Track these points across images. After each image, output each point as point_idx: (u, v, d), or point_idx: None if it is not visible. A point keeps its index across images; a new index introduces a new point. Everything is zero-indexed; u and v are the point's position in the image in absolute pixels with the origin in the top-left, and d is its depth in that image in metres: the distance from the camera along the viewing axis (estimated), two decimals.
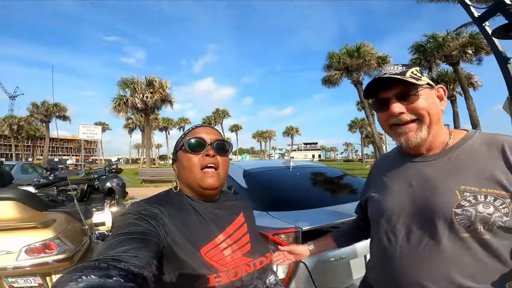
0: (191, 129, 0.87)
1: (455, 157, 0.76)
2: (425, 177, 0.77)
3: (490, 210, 0.66)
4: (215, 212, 0.82)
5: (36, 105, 28.62)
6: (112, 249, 0.53)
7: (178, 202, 0.79)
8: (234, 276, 0.71)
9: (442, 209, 0.70)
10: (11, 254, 1.65)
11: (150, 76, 18.06)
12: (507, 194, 0.67)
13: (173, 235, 0.70)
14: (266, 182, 2.42)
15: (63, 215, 2.12)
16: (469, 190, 0.69)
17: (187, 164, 0.80)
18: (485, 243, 0.68)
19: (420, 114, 0.76)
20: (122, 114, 18.35)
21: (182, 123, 52.60)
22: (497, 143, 0.72)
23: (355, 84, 16.10)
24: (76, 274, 0.40)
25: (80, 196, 4.11)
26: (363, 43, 15.93)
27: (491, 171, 0.69)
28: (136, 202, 0.76)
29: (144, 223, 0.66)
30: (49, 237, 1.74)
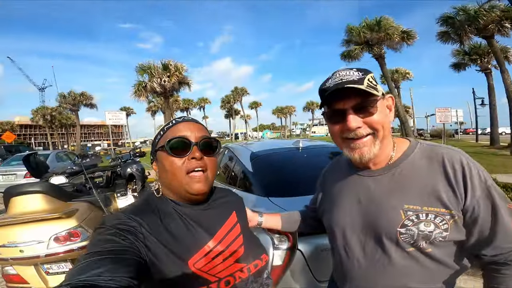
0: (171, 124, 0.76)
1: (399, 173, 0.76)
2: (372, 194, 0.78)
3: (431, 228, 0.69)
4: (204, 215, 0.75)
5: (64, 95, 30.19)
6: (85, 272, 0.48)
7: (161, 208, 0.71)
8: (227, 285, 0.68)
9: (388, 228, 0.73)
10: (42, 243, 1.84)
11: (165, 60, 18.22)
12: (446, 211, 0.68)
13: (155, 248, 0.63)
14: (272, 165, 2.34)
15: (86, 204, 2.30)
16: (412, 209, 0.70)
17: (170, 168, 0.70)
18: (429, 255, 0.72)
19: (376, 128, 0.73)
20: (142, 99, 18.92)
21: (202, 103, 53.22)
22: (437, 157, 0.73)
23: (376, 58, 15.27)
24: None
25: (105, 183, 4.41)
26: (383, 17, 14.90)
27: (432, 188, 0.70)
28: (112, 215, 0.70)
29: (121, 238, 0.59)
30: (73, 226, 1.92)
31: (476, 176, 0.68)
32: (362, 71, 0.74)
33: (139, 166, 5.01)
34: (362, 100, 0.71)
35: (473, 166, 0.70)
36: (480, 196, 0.68)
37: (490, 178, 0.70)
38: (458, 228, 0.70)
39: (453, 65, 20.18)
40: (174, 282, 0.62)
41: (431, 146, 0.77)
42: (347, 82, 0.70)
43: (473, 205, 0.68)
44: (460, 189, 0.68)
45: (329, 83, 0.75)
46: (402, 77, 32.06)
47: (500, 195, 0.69)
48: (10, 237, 1.83)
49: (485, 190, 0.68)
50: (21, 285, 2.00)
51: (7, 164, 8.40)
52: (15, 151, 14.52)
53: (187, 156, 0.70)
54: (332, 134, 0.80)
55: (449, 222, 0.69)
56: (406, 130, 15.21)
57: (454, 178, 0.69)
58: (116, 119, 14.93)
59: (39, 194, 2.11)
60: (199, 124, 0.77)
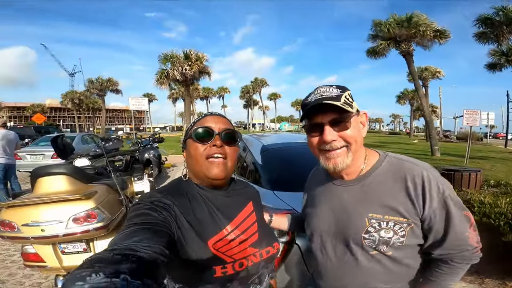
0: (201, 117, 0.86)
1: (367, 184, 0.84)
2: (343, 203, 0.87)
3: (390, 235, 0.79)
4: (224, 201, 0.83)
5: (92, 80, 31.56)
6: (127, 239, 0.54)
7: (188, 191, 0.80)
8: (240, 267, 0.74)
9: (354, 234, 0.82)
10: (61, 223, 1.93)
11: (187, 50, 18.43)
12: (404, 220, 0.78)
13: (183, 227, 0.71)
14: (280, 159, 2.35)
15: (104, 187, 2.42)
16: (375, 217, 0.80)
17: (194, 153, 0.80)
18: (390, 257, 0.81)
19: (349, 142, 0.80)
20: (164, 86, 19.34)
21: (222, 92, 53.60)
22: (400, 172, 0.81)
23: (404, 55, 14.37)
24: (86, 270, 0.39)
25: (124, 167, 4.64)
26: (415, 13, 13.89)
27: (393, 200, 0.79)
28: (148, 193, 0.78)
29: (157, 213, 0.66)
30: (91, 207, 2.01)
31: (434, 188, 0.77)
32: (341, 88, 0.82)
33: (156, 152, 5.22)
34: (338, 116, 0.79)
35: (433, 179, 0.78)
36: (436, 207, 0.77)
37: (448, 189, 0.78)
38: (414, 234, 0.80)
39: (488, 66, 18.82)
40: (195, 259, 0.69)
41: (397, 160, 0.85)
42: (326, 98, 0.78)
43: (430, 215, 0.77)
44: (419, 201, 0.77)
45: (311, 98, 0.82)
46: (431, 76, 30.33)
47: (457, 204, 0.78)
48: (33, 216, 1.92)
49: (441, 201, 0.77)
50: (37, 263, 2.10)
51: (36, 144, 8.76)
52: (44, 132, 15.37)
53: (209, 144, 0.79)
54: (310, 146, 0.87)
55: (406, 229, 0.78)
56: (430, 131, 14.41)
57: (414, 191, 0.77)
58: (139, 105, 15.37)
59: (63, 176, 2.23)
60: (224, 118, 0.87)
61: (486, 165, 9.97)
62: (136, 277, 0.40)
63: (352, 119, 0.80)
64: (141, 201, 0.71)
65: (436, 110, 43.35)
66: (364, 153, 0.87)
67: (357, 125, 0.83)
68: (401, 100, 44.26)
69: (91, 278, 0.37)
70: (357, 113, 0.83)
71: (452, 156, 12.90)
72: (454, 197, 0.78)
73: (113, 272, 0.39)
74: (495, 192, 5.01)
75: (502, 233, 2.67)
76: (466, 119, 9.87)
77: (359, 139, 0.82)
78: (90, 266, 0.41)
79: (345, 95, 0.79)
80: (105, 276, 0.38)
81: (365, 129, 0.87)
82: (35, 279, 2.79)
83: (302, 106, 0.86)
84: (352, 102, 0.81)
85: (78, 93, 41.41)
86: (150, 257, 0.50)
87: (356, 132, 0.81)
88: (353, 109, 0.79)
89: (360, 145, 0.83)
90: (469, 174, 5.28)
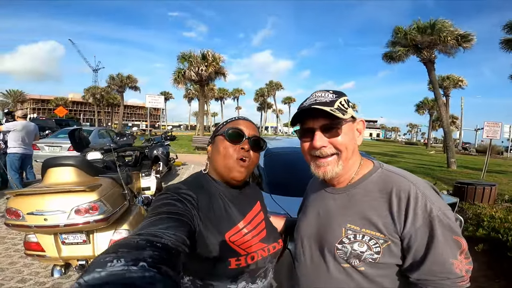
0: (234, 119, 0.91)
1: (353, 194, 0.81)
2: (328, 209, 0.85)
3: (363, 249, 0.74)
4: (238, 197, 0.88)
5: (113, 77, 32.58)
6: (153, 226, 0.58)
7: (207, 186, 0.84)
8: (252, 260, 0.79)
9: (329, 242, 0.80)
10: (64, 214, 1.99)
11: (204, 50, 18.71)
12: (381, 236, 0.73)
13: (204, 219, 0.75)
14: (281, 163, 2.36)
15: (109, 180, 2.50)
16: (352, 228, 0.76)
17: (222, 151, 0.84)
18: (362, 273, 0.76)
19: (339, 149, 0.78)
20: (181, 86, 19.70)
21: (237, 93, 53.91)
22: (388, 185, 0.76)
23: (425, 62, 13.73)
24: (110, 255, 0.41)
25: (134, 162, 4.76)
26: (439, 20, 13.14)
27: (374, 213, 0.75)
28: (174, 185, 0.81)
29: (182, 205, 0.71)
30: (93, 200, 2.07)
31: (420, 206, 0.70)
32: (337, 94, 0.80)
33: (165, 149, 5.35)
34: (330, 122, 0.77)
35: (421, 197, 0.71)
36: (419, 226, 0.70)
37: (438, 210, 0.70)
38: (391, 253, 0.73)
39: None
40: (213, 251, 0.74)
41: (390, 173, 0.80)
42: (318, 103, 0.77)
43: (410, 233, 0.70)
44: (401, 218, 0.71)
45: (306, 102, 0.82)
46: (453, 85, 29.14)
47: (446, 226, 0.69)
48: (38, 205, 1.99)
49: (426, 220, 0.69)
50: (37, 252, 2.16)
51: (55, 136, 9.18)
52: (65, 125, 16.05)
53: (238, 145, 0.84)
54: (302, 151, 0.86)
55: (381, 246, 0.73)
56: (447, 142, 13.83)
57: (397, 206, 0.72)
58: (155, 103, 15.80)
59: (71, 167, 2.32)
60: (253, 124, 0.93)
61: (504, 180, 9.52)
62: (154, 265, 0.41)
63: (345, 125, 0.78)
64: (167, 191, 0.75)
65: (456, 121, 41.70)
66: (358, 161, 0.84)
67: (351, 132, 0.80)
68: (420, 109, 42.90)
69: (111, 264, 0.39)
70: (353, 119, 0.80)
71: (469, 169, 12.40)
72: (444, 219, 0.69)
73: (134, 259, 0.41)
74: (509, 207, 4.79)
75: (510, 248, 2.57)
76: (486, 132, 9.47)
77: (351, 146, 0.79)
78: (115, 251, 0.43)
79: (339, 101, 0.78)
80: (124, 263, 0.39)
81: (361, 137, 0.84)
82: (34, 268, 2.86)
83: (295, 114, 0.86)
84: (347, 108, 0.79)
85: (100, 89, 42.93)
86: (173, 244, 0.53)
87: (347, 140, 0.78)
88: (346, 115, 0.76)
89: (352, 153, 0.80)
90: (483, 188, 5.09)
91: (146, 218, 0.63)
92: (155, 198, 0.75)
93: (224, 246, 0.75)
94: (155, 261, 0.43)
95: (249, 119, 0.93)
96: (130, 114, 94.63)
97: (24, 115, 5.45)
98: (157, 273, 0.40)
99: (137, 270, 0.39)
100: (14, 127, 5.13)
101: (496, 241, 2.83)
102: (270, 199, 1.85)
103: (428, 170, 11.36)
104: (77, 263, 2.25)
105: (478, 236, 3.14)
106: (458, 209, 4.07)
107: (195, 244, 0.72)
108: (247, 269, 0.78)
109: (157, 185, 4.14)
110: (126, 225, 2.37)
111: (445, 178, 9.14)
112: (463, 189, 5.09)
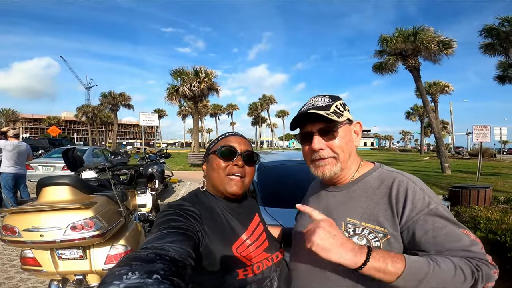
0: (225, 136, 0.93)
1: (353, 191, 0.83)
2: (328, 207, 0.86)
3: (363, 242, 0.73)
4: (237, 211, 0.90)
5: (105, 95, 32.64)
6: (160, 240, 0.60)
7: (207, 202, 0.87)
8: (258, 270, 0.81)
9: None
10: (60, 230, 2.00)
11: (197, 67, 19.06)
12: (380, 229, 0.73)
13: (209, 234, 0.77)
14: (274, 176, 2.41)
15: (104, 198, 2.51)
16: (351, 222, 0.77)
17: (216, 168, 0.87)
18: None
19: (336, 152, 0.81)
20: (174, 102, 19.91)
21: (231, 109, 54.36)
22: (389, 180, 0.78)
23: (410, 70, 14.11)
24: (124, 268, 0.43)
25: (129, 180, 4.73)
26: (422, 27, 13.70)
27: (374, 206, 0.76)
28: (176, 201, 0.84)
29: (185, 220, 0.72)
30: (89, 216, 2.08)
31: (419, 199, 0.71)
32: (333, 98, 0.84)
33: (160, 167, 5.34)
34: (327, 125, 0.80)
35: (419, 190, 0.73)
36: (419, 217, 0.69)
37: (437, 204, 0.71)
38: (391, 248, 0.71)
39: (497, 77, 18.55)
40: (223, 263, 0.76)
41: (390, 172, 0.82)
42: (315, 108, 0.81)
43: (409, 224, 0.70)
44: (399, 209, 0.72)
45: (304, 108, 0.86)
46: (440, 91, 29.97)
47: (445, 218, 0.69)
48: (34, 222, 2.01)
49: (425, 211, 0.69)
50: (34, 267, 2.16)
51: (49, 156, 9.08)
52: (58, 144, 15.85)
53: (232, 162, 0.87)
54: (303, 155, 0.89)
55: (381, 240, 0.72)
56: (440, 148, 14.03)
57: (395, 198, 0.73)
58: (149, 121, 15.80)
59: (66, 186, 2.33)
60: (245, 139, 0.95)
61: (499, 182, 9.66)
62: (167, 277, 0.43)
63: (342, 128, 0.81)
64: (170, 208, 0.77)
65: (447, 126, 42.51)
66: (357, 162, 0.87)
67: (347, 134, 0.83)
68: (411, 116, 43.78)
69: (127, 277, 0.41)
70: (349, 122, 0.83)
71: (463, 173, 12.55)
72: (442, 212, 0.70)
73: (147, 271, 0.43)
74: (505, 208, 4.84)
75: (509, 248, 2.59)
76: (476, 135, 9.67)
77: (347, 149, 0.82)
78: (128, 264, 0.45)
79: (335, 105, 0.81)
80: (139, 276, 0.42)
81: (358, 139, 0.87)
82: (31, 283, 2.86)
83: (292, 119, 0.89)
84: (342, 111, 0.82)
85: (92, 107, 42.86)
86: (180, 258, 0.54)
87: (344, 143, 0.81)
88: (341, 118, 0.80)
89: (349, 154, 0.83)
90: (477, 191, 5.14)
91: (152, 234, 0.65)
92: (158, 214, 0.76)
93: (232, 258, 0.78)
94: (167, 273, 0.45)
95: (241, 134, 0.96)
96: (124, 132, 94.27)
97: (16, 135, 5.41)
98: (170, 285, 0.42)
99: (153, 283, 0.41)
100: (4, 146, 5.13)
101: (495, 243, 2.84)
102: (264, 212, 1.89)
103: (424, 176, 11.46)
104: (75, 278, 2.25)
105: None
106: (453, 214, 4.10)
107: (201, 258, 0.73)
108: (255, 279, 0.80)
109: (153, 202, 4.11)
110: (123, 241, 2.37)
111: (440, 183, 9.24)
112: (458, 193, 5.13)
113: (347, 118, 0.82)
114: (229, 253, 0.78)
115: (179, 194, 7.94)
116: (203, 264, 0.74)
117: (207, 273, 0.75)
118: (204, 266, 0.74)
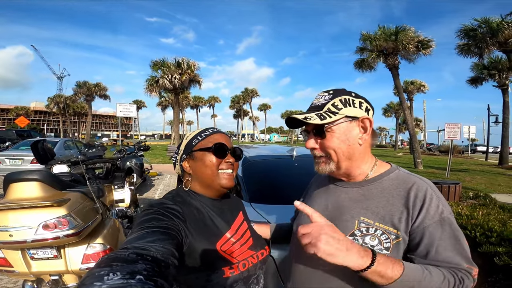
0: (209, 133, 0.92)
1: (369, 189, 0.81)
2: (339, 202, 0.84)
3: (375, 243, 0.73)
4: (221, 209, 0.91)
5: (80, 84, 31.01)
6: (140, 239, 0.58)
7: (190, 200, 0.86)
8: (243, 267, 0.81)
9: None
10: (31, 229, 1.88)
11: (179, 58, 18.51)
12: (393, 231, 0.73)
13: (192, 233, 0.76)
14: (260, 171, 2.35)
15: (78, 194, 2.37)
16: (365, 221, 0.76)
17: (210, 165, 0.87)
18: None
19: (328, 153, 0.80)
20: (154, 94, 19.25)
21: (212, 101, 53.66)
22: (407, 184, 0.77)
23: (390, 68, 14.53)
24: (104, 269, 0.41)
25: (105, 174, 4.53)
26: (403, 27, 14.03)
27: (390, 208, 0.75)
28: (158, 200, 0.83)
29: (168, 219, 0.71)
30: (62, 214, 1.96)
31: (434, 206, 0.72)
32: (334, 94, 0.81)
33: (138, 160, 5.16)
34: (318, 125, 0.79)
35: (435, 198, 0.74)
36: (430, 224, 0.71)
37: (449, 213, 0.73)
38: (399, 251, 0.73)
39: (470, 80, 19.51)
40: (208, 261, 0.76)
41: (408, 174, 0.82)
42: (312, 108, 0.82)
43: (419, 230, 0.72)
44: (414, 214, 0.72)
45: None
46: (416, 89, 31.39)
47: (453, 229, 0.72)
48: (2, 221, 1.88)
49: (437, 219, 0.71)
50: (5, 268, 2.05)
51: (16, 148, 8.53)
52: (27, 136, 14.92)
53: (224, 159, 0.89)
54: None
55: (392, 242, 0.73)
56: (413, 144, 14.73)
57: (413, 202, 0.73)
58: (126, 112, 15.19)
59: (35, 182, 2.18)
60: (228, 136, 0.97)
61: (467, 178, 10.31)
62: (150, 278, 0.42)
63: (336, 127, 0.78)
64: (152, 207, 0.75)
65: (420, 124, 44.68)
66: (370, 161, 0.85)
67: (346, 133, 0.79)
68: (387, 113, 45.53)
69: (108, 278, 0.39)
70: (350, 119, 0.79)
71: (434, 169, 13.28)
72: (452, 222, 0.73)
73: (130, 272, 0.41)
74: (474, 204, 5.18)
75: (479, 243, 2.71)
76: (447, 133, 10.24)
77: (342, 149, 0.79)
78: (108, 265, 0.43)
79: (332, 103, 0.79)
80: (121, 277, 0.40)
81: (366, 135, 0.81)
82: (3, 283, 2.76)
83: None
84: (340, 109, 0.78)
85: (64, 97, 40.58)
86: (162, 257, 0.53)
87: (337, 143, 0.78)
88: (333, 117, 0.77)
89: (349, 153, 0.80)
90: (448, 187, 5.46)
91: (132, 233, 0.62)
92: (140, 213, 0.74)
93: (217, 256, 0.78)
94: (150, 274, 0.43)
95: (222, 131, 0.97)
96: (99, 123, 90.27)
97: None
98: (153, 286, 0.41)
99: (136, 283, 0.39)
100: None
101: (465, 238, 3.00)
102: (250, 209, 1.85)
103: None
104: (50, 278, 2.15)
105: None
106: None
107: (186, 256, 0.73)
108: (241, 277, 0.80)
109: (132, 197, 3.96)
110: (100, 239, 2.27)
111: None
112: None
113: (344, 116, 0.78)
114: (213, 251, 0.78)
115: (159, 188, 7.74)
116: (188, 263, 0.73)
117: (193, 272, 0.74)
118: (189, 265, 0.74)
